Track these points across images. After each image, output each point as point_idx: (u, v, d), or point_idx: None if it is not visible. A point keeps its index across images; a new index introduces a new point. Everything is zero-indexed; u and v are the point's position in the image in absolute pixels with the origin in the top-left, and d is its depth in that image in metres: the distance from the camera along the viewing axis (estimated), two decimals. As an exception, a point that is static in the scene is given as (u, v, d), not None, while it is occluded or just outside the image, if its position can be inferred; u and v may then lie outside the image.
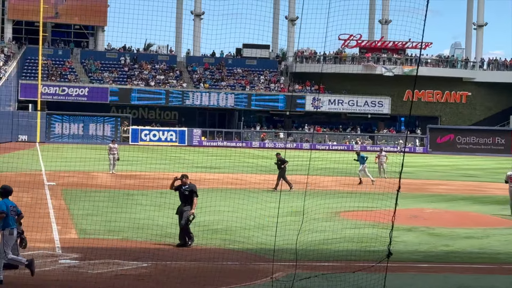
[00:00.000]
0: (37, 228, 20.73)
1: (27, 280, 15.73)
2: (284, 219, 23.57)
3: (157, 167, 48.90)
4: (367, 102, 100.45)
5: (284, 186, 37.63)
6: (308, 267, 17.67)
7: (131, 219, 24.52)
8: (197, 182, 34.67)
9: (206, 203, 25.12)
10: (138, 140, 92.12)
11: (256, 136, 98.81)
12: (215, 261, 18.44)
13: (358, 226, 24.63)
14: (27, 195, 30.80)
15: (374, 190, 34.80)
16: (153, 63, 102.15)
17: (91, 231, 22.61)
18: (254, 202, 26.84)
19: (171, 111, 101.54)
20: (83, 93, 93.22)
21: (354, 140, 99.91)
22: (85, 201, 28.24)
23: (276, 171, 39.46)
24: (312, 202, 24.24)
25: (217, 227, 24.03)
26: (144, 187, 36.06)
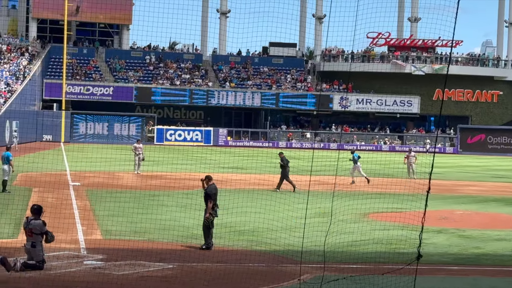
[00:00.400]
0: (62, 229, 20.85)
1: (52, 281, 15.81)
2: (311, 220, 23.54)
3: (182, 168, 48.98)
4: (396, 101, 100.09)
5: (287, 186, 37.63)
6: (336, 269, 17.63)
7: (156, 220, 24.58)
8: (223, 183, 34.74)
9: (232, 204, 25.12)
10: (163, 140, 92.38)
11: (283, 136, 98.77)
12: (241, 262, 18.44)
13: (387, 228, 24.54)
14: (51, 196, 31.01)
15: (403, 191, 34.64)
16: (179, 62, 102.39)
17: (116, 232, 22.67)
18: (281, 203, 26.82)
19: (197, 110, 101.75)
20: (108, 93, 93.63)
21: (382, 140, 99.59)
22: (110, 201, 28.33)
23: (278, 171, 39.26)
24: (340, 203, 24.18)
25: (243, 228, 24.02)
26: (169, 188, 36.12)
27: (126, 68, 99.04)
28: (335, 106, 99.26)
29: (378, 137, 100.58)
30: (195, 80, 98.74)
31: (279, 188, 37.84)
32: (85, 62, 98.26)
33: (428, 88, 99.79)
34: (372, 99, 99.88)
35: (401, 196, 31.63)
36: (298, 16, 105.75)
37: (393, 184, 39.57)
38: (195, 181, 32.97)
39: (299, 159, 63.67)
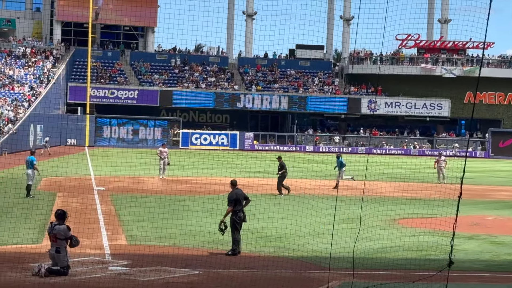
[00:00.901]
0: (87, 234, 20.94)
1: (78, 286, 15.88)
2: (339, 226, 23.50)
3: (207, 172, 49.05)
4: (426, 104, 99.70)
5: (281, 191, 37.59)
6: (365, 276, 17.56)
7: (181, 226, 24.59)
8: (249, 188, 34.73)
9: (259, 209, 25.11)
10: (188, 144, 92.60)
11: (310, 140, 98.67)
12: (268, 269, 18.42)
13: (417, 234, 24.40)
14: (76, 201, 31.16)
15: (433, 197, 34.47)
16: (204, 65, 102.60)
17: (141, 237, 22.74)
18: (308, 209, 26.76)
19: (222, 114, 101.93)
20: (133, 96, 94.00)
21: (412, 144, 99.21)
22: (135, 206, 28.44)
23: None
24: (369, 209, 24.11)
25: (269, 234, 24.00)
26: (194, 193, 36.20)
27: (151, 71, 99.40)
28: (363, 109, 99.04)
29: (408, 141, 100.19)
30: (221, 83, 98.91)
31: (281, 192, 37.79)
32: (109, 65, 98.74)
33: (459, 91, 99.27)
34: (401, 102, 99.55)
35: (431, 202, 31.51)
36: (326, 18, 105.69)
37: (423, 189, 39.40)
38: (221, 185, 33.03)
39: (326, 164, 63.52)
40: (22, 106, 78.08)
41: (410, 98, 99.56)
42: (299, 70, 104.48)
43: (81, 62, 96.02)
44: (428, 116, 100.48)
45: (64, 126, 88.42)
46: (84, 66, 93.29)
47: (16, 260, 18.24)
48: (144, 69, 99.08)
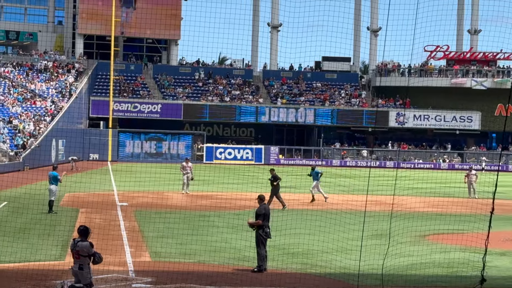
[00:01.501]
0: (110, 251, 21.00)
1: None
2: (367, 242, 23.41)
3: (232, 187, 49.07)
4: (455, 117, 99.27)
5: (277, 205, 37.29)
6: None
7: (206, 242, 24.64)
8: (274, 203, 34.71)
9: (285, 225, 25.09)
10: (212, 159, 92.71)
11: (337, 154, 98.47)
12: (295, 286, 18.39)
13: (448, 250, 24.29)
14: (99, 217, 31.28)
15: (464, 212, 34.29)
16: (228, 78, 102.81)
17: (165, 254, 22.77)
18: (335, 224, 26.72)
19: (247, 128, 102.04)
20: (156, 110, 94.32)
21: (441, 158, 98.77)
22: (159, 222, 28.47)
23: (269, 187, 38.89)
24: (398, 224, 24.03)
25: (296, 250, 23.96)
26: (219, 208, 36.21)
27: (175, 85, 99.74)
28: (391, 122, 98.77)
29: (437, 154, 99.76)
30: (245, 97, 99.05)
31: (269, 204, 37.69)
32: (132, 79, 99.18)
33: (489, 103, 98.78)
34: (430, 115, 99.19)
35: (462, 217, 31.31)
36: (352, 29, 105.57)
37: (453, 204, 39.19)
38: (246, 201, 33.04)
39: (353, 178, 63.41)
40: (44, 120, 78.59)
41: (439, 111, 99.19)
42: (326, 82, 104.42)
43: (103, 76, 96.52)
44: (458, 129, 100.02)
45: (87, 140, 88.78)
46: (107, 79, 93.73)
47: (39, 277, 18.34)
48: (168, 83, 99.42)
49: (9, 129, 73.53)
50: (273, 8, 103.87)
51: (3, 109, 78.92)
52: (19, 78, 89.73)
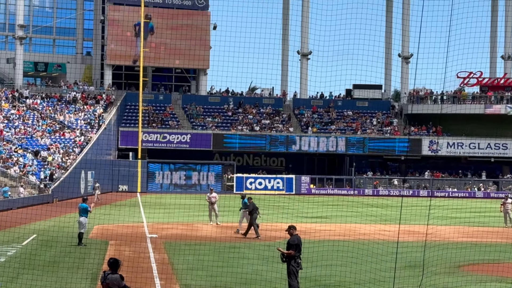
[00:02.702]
0: (140, 284, 21.05)
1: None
2: (401, 273, 23.30)
3: (263, 218, 49.05)
4: (490, 144, 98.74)
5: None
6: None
7: (236, 274, 24.62)
8: (306, 233, 34.69)
9: (316, 256, 25.07)
10: (243, 189, 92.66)
11: (369, 183, 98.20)
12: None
13: (484, 281, 24.11)
14: (128, 249, 31.39)
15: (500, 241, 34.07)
16: (258, 107, 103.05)
17: (196, 286, 22.79)
18: (367, 255, 26.63)
19: (277, 157, 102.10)
20: (185, 140, 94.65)
21: (476, 186, 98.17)
22: (188, 254, 28.52)
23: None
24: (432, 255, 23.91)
25: (328, 281, 23.88)
26: (249, 240, 36.21)
27: (204, 114, 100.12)
28: (424, 150, 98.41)
29: (472, 182, 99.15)
30: (276, 126, 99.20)
31: (246, 235, 38.19)
32: (161, 109, 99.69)
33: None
34: (464, 142, 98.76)
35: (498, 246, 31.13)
36: (383, 56, 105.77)
37: (489, 234, 38.96)
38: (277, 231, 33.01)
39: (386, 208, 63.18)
40: (73, 152, 79.12)
41: (473, 138, 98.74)
42: (357, 110, 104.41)
43: (132, 106, 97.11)
44: (493, 157, 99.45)
45: (116, 172, 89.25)
46: (136, 110, 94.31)
47: (69, 310, 18.43)
48: (197, 113, 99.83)
49: (38, 161, 74.10)
50: (303, 36, 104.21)
51: (32, 141, 79.61)
52: (48, 109, 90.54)
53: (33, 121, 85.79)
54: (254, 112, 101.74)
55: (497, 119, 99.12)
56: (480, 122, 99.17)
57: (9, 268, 25.68)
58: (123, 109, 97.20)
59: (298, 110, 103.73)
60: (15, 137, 78.32)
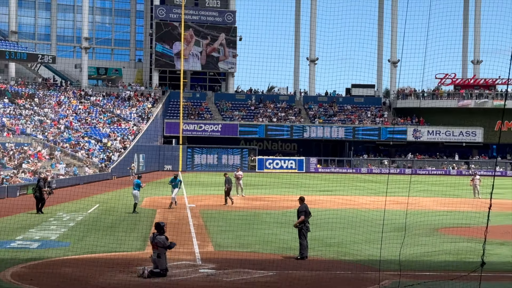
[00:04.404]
0: (181, 243, 21.18)
1: (174, 286, 16.10)
2: (388, 234, 23.31)
3: (279, 191, 49.19)
4: (462, 132, 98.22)
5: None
6: (411, 276, 17.41)
7: (258, 235, 24.71)
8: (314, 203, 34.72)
9: (321, 221, 25.11)
10: (263, 168, 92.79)
11: (364, 163, 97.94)
12: (331, 270, 18.40)
13: (455, 241, 24.09)
14: (172, 215, 31.56)
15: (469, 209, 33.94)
16: (275, 102, 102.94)
17: (225, 245, 22.88)
18: (363, 220, 26.64)
19: (291, 143, 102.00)
20: (217, 129, 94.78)
21: (451, 165, 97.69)
22: (220, 220, 28.63)
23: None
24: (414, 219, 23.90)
25: (331, 241, 23.95)
26: (269, 208, 36.30)
27: (232, 109, 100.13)
28: (409, 137, 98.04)
29: (447, 163, 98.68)
30: (289, 118, 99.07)
31: (227, 202, 38.95)
32: (198, 104, 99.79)
33: (490, 120, 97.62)
34: (441, 130, 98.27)
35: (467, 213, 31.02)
36: (376, 62, 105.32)
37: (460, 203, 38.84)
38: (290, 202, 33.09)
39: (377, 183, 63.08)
40: (128, 139, 79.40)
41: (448, 127, 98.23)
42: (354, 105, 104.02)
43: (174, 102, 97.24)
44: (464, 142, 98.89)
45: (162, 154, 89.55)
46: (177, 105, 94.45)
47: (125, 264, 18.57)
48: (226, 107, 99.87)
49: (100, 146, 74.45)
50: (311, 45, 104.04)
51: (95, 130, 79.94)
52: (108, 105, 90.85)
53: (96, 114, 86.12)
54: (272, 107, 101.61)
55: (468, 111, 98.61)
56: (454, 114, 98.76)
57: (77, 231, 25.91)
58: (167, 105, 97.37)
59: (307, 105, 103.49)
60: (81, 127, 78.66)
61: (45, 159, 61.79)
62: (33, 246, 22.23)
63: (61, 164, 60.33)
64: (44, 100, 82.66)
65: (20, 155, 58.04)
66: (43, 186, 32.58)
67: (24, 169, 53.30)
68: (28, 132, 67.60)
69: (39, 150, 62.73)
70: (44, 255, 20.23)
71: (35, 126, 70.82)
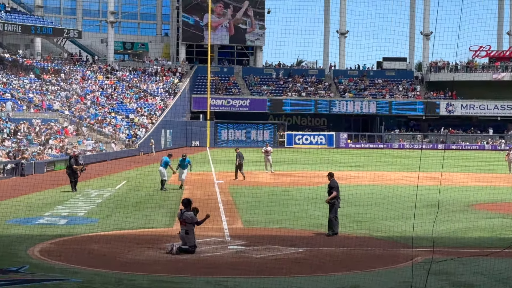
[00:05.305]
0: (209, 220, 21.23)
1: (203, 262, 16.22)
2: (421, 210, 23.22)
3: (308, 167, 49.18)
4: (497, 106, 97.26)
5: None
6: (444, 253, 17.33)
7: (287, 212, 24.74)
8: (344, 179, 34.67)
9: (352, 197, 25.07)
10: (292, 144, 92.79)
11: (396, 138, 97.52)
12: (362, 247, 18.38)
13: (490, 217, 23.93)
14: (200, 192, 31.69)
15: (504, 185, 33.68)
16: (304, 77, 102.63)
17: (254, 221, 22.93)
18: (393, 196, 26.55)
19: (321, 118, 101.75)
20: (245, 104, 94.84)
21: (485, 140, 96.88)
22: (249, 196, 28.68)
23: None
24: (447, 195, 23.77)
25: (362, 218, 23.89)
26: (299, 184, 36.32)
27: (260, 83, 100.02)
28: (442, 111, 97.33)
29: (481, 137, 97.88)
30: (319, 92, 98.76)
31: (237, 177, 39.60)
32: (225, 79, 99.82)
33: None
34: (475, 104, 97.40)
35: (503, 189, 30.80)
36: (408, 33, 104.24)
37: (495, 178, 38.54)
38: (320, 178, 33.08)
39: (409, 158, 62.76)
40: (155, 114, 79.75)
41: (483, 101, 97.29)
42: (386, 79, 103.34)
43: (202, 77, 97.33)
44: (499, 116, 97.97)
45: (189, 130, 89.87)
46: (205, 80, 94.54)
47: (153, 241, 18.73)
48: (254, 82, 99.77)
49: (127, 122, 74.85)
50: (341, 18, 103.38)
51: (122, 105, 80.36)
52: (134, 80, 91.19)
53: (122, 89, 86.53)
54: (301, 81, 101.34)
55: (503, 84, 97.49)
56: (488, 87, 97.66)
57: (105, 207, 26.15)
58: (194, 79, 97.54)
59: (337, 79, 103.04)
60: (108, 103, 79.10)
61: (72, 135, 62.32)
62: (61, 222, 22.49)
63: (88, 140, 60.81)
64: (70, 75, 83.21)
65: (47, 131, 58.59)
66: (74, 163, 32.65)
67: (51, 145, 53.83)
68: (55, 108, 68.16)
69: (66, 126, 63.27)
70: (72, 232, 20.46)
71: (61, 101, 71.38)
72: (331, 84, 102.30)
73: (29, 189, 30.40)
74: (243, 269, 15.35)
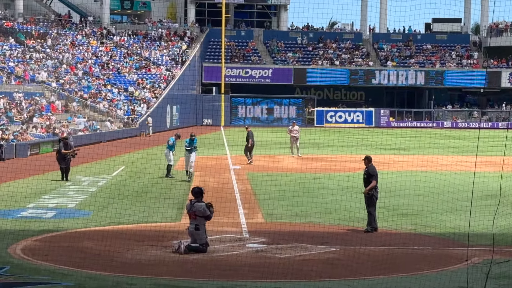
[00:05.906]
0: (224, 213, 21.32)
1: (216, 264, 16.26)
2: (478, 202, 23.12)
3: (343, 150, 49.11)
4: None
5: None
6: (506, 253, 17.26)
7: (317, 203, 24.73)
8: (385, 165, 34.59)
9: (395, 186, 25.00)
10: (323, 122, 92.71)
11: (448, 115, 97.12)
12: (407, 245, 18.35)
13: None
14: (213, 179, 31.78)
15: None
16: (338, 42, 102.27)
17: (277, 215, 22.95)
18: (444, 185, 26.44)
19: (357, 91, 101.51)
20: (267, 75, 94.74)
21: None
22: (271, 185, 28.68)
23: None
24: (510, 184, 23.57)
25: (407, 211, 23.84)
26: (330, 170, 36.27)
27: (285, 50, 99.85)
28: (503, 83, 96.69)
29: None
30: (355, 60, 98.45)
31: (251, 160, 40.50)
32: (243, 45, 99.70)
33: None
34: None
35: None
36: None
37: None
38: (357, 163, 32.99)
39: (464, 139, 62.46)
40: (159, 87, 79.90)
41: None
42: (436, 44, 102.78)
43: (215, 42, 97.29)
44: None
45: (200, 106, 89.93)
46: (219, 46, 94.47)
47: (157, 238, 18.78)
48: (278, 48, 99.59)
49: (125, 96, 75.04)
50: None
51: (120, 76, 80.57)
52: (134, 46, 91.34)
53: (120, 57, 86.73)
54: (334, 47, 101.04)
55: None
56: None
57: (100, 197, 26.27)
58: (206, 45, 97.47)
59: (377, 45, 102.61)
60: (103, 73, 79.32)
61: (60, 111, 62.60)
62: (47, 215, 22.64)
63: (79, 118, 61.07)
64: (58, 40, 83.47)
65: (31, 106, 58.91)
66: (63, 147, 32.71)
67: (35, 124, 54.11)
68: (40, 79, 68.46)
69: (53, 101, 63.57)
70: (60, 226, 20.59)
71: (47, 72, 71.68)
72: (370, 50, 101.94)
73: (9, 176, 30.59)
74: (265, 272, 15.35)
